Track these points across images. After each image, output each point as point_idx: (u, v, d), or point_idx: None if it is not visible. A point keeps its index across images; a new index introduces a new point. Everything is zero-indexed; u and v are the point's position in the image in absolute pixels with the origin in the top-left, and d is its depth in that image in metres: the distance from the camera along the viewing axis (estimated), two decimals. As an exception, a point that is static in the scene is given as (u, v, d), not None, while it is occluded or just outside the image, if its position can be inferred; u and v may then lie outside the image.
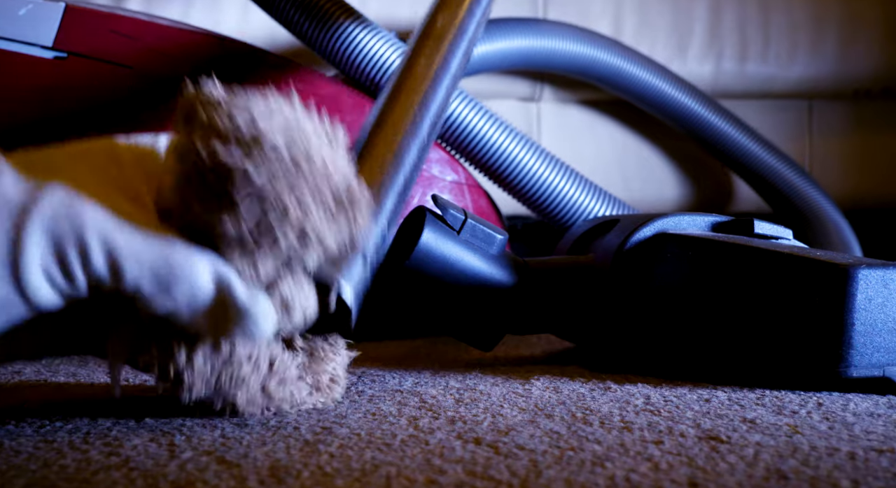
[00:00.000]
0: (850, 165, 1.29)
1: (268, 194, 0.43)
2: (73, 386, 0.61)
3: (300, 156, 0.43)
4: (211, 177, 0.43)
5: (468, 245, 0.66)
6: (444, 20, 0.71)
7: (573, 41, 1.08)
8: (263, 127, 0.43)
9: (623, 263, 0.67)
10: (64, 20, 0.80)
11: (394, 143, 0.60)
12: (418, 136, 0.62)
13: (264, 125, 0.43)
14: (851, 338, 0.57)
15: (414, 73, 0.66)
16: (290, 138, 0.44)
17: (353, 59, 0.90)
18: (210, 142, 0.43)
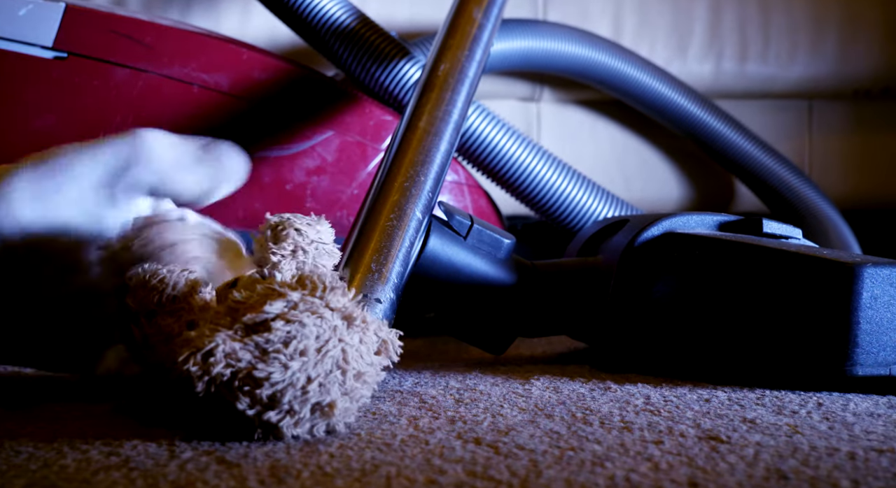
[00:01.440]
0: (849, 165, 1.29)
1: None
2: (73, 386, 0.61)
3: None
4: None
5: (475, 250, 0.66)
6: (446, 67, 0.72)
7: (572, 43, 1.08)
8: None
9: (631, 263, 0.67)
10: (64, 20, 0.80)
11: (399, 209, 0.62)
12: (422, 196, 0.63)
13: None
14: (857, 337, 0.57)
15: (416, 130, 0.67)
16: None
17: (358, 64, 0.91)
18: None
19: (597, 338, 0.71)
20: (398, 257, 0.59)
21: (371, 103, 0.89)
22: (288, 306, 0.46)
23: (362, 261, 0.58)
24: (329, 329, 0.46)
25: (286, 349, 0.44)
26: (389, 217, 0.60)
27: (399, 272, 0.59)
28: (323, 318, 0.46)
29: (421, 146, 0.65)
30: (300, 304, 0.46)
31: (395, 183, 0.63)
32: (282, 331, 0.45)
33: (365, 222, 0.61)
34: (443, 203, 0.67)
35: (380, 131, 0.88)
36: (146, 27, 0.83)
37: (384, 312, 0.57)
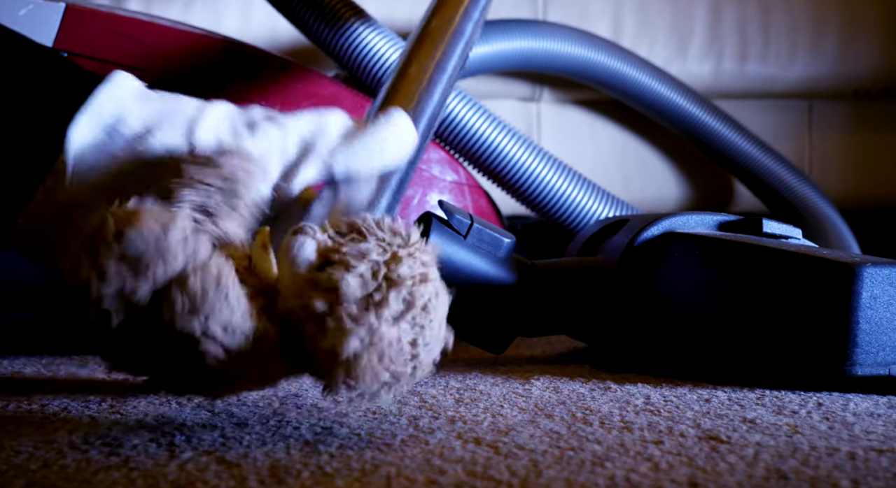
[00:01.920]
0: (849, 165, 1.29)
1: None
2: (72, 386, 0.61)
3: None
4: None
5: (475, 249, 0.66)
6: (438, 22, 0.70)
7: (572, 43, 1.08)
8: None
9: (630, 262, 0.67)
10: (64, 20, 0.80)
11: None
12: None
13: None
14: (857, 337, 0.57)
15: (407, 75, 0.65)
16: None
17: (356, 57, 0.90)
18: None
19: (597, 337, 0.71)
20: (390, 186, 0.57)
21: (369, 101, 0.89)
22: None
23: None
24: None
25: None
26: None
27: (389, 202, 0.58)
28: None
29: (414, 92, 0.63)
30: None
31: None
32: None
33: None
34: (443, 202, 0.67)
35: (380, 131, 0.88)
36: (146, 27, 0.83)
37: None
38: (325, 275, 0.43)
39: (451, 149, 0.95)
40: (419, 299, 0.44)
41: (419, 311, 0.44)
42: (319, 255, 0.45)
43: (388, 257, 0.44)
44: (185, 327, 0.42)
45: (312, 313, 0.43)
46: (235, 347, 0.43)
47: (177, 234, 0.42)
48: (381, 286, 0.43)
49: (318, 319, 0.43)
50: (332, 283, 0.43)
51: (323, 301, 0.43)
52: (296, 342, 0.44)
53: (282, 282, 0.45)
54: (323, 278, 0.43)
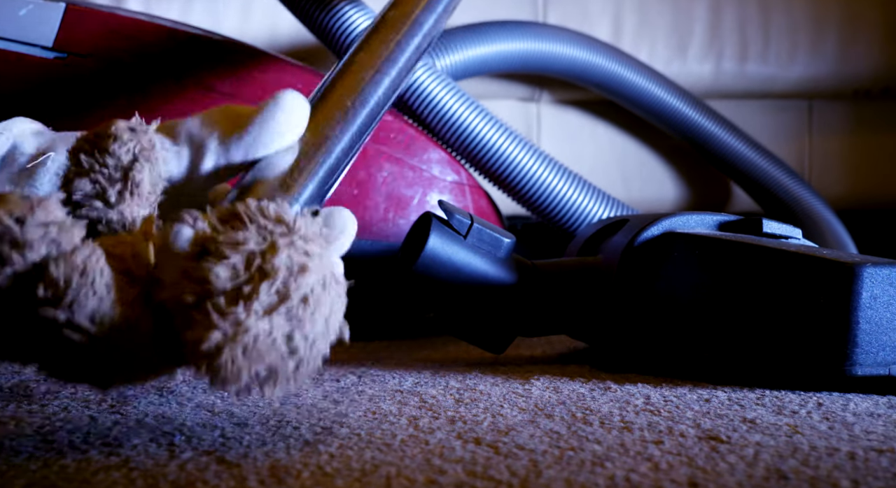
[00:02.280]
0: (849, 165, 1.29)
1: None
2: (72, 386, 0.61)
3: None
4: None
5: (475, 249, 0.66)
6: (396, 12, 0.68)
7: (570, 45, 1.08)
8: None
9: (630, 263, 0.67)
10: (64, 20, 0.80)
11: (321, 131, 0.57)
12: (351, 124, 0.59)
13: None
14: (857, 337, 0.57)
15: (355, 63, 0.63)
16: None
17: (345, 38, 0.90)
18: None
19: (597, 337, 0.72)
20: (314, 175, 0.55)
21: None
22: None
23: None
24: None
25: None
26: (311, 136, 0.57)
27: (312, 191, 0.55)
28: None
29: (358, 78, 0.62)
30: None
31: (323, 107, 0.59)
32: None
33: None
34: (443, 202, 0.67)
35: (380, 131, 0.88)
36: (146, 27, 0.83)
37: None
38: (197, 266, 0.42)
39: (451, 150, 0.95)
40: (296, 291, 0.42)
41: (297, 304, 0.42)
42: (195, 244, 0.43)
43: (265, 246, 0.42)
44: (48, 315, 0.41)
45: (182, 305, 0.42)
46: (103, 337, 0.42)
47: (37, 221, 0.41)
48: (252, 277, 0.42)
49: (186, 311, 0.42)
50: (203, 274, 0.42)
51: (192, 293, 0.42)
52: (170, 333, 0.43)
53: (160, 271, 0.44)
54: (194, 268, 0.42)
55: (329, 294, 0.44)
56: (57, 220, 0.42)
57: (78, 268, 0.42)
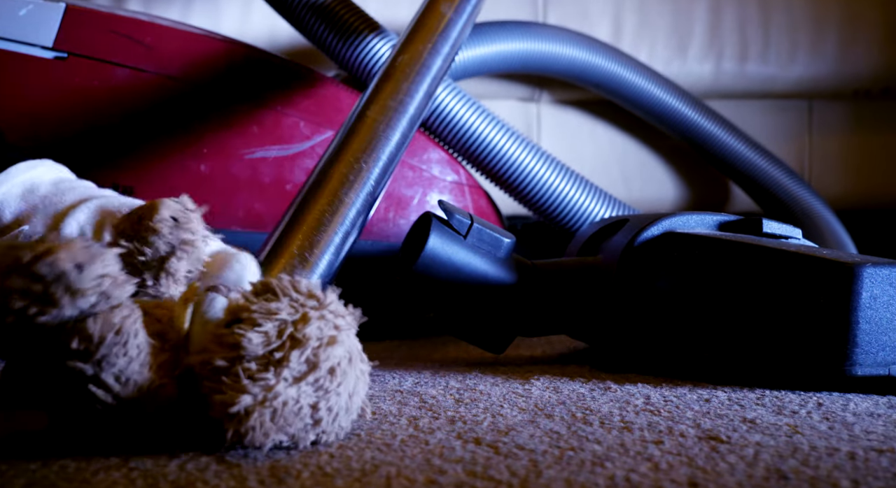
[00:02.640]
0: (849, 165, 1.29)
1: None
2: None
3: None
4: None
5: (475, 249, 0.66)
6: (405, 57, 0.69)
7: (570, 46, 1.08)
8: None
9: (630, 262, 0.67)
10: (64, 20, 0.80)
11: (335, 198, 0.59)
12: (364, 186, 0.61)
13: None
14: (857, 337, 0.57)
15: (365, 119, 0.64)
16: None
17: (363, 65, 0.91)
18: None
19: (597, 337, 0.72)
20: (329, 247, 0.56)
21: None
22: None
23: (286, 247, 0.56)
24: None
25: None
26: (324, 204, 0.58)
27: (329, 261, 0.56)
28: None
29: (369, 135, 0.63)
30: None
31: (335, 170, 0.60)
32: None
33: (298, 208, 0.58)
34: (443, 202, 0.67)
35: (380, 131, 0.88)
36: (146, 27, 0.83)
37: None
38: (230, 332, 0.43)
39: (451, 150, 0.95)
40: (325, 362, 0.44)
41: (324, 374, 0.44)
42: (229, 312, 0.45)
43: (297, 317, 0.44)
44: (76, 367, 0.42)
45: (212, 368, 0.43)
46: (126, 396, 0.43)
47: (93, 273, 0.42)
48: (283, 344, 0.43)
49: (217, 374, 0.43)
50: (235, 340, 0.43)
51: (223, 357, 0.43)
52: (194, 398, 0.44)
53: (190, 338, 0.45)
54: (227, 334, 0.43)
55: (354, 370, 0.45)
56: (112, 274, 0.43)
57: (114, 327, 0.43)
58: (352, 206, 0.59)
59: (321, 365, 0.43)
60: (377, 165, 0.62)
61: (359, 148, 0.62)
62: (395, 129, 0.65)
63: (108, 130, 0.81)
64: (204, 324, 0.45)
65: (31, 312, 0.41)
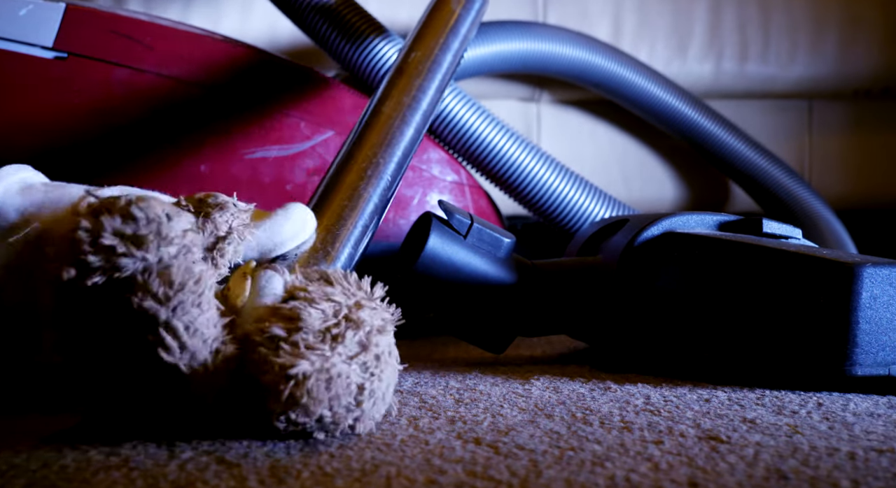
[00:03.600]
0: (849, 165, 1.29)
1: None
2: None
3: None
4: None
5: (475, 249, 0.66)
6: (418, 54, 0.70)
7: (570, 46, 1.08)
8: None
9: (630, 262, 0.67)
10: (64, 20, 0.80)
11: (354, 193, 0.60)
12: (382, 180, 0.62)
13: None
14: (857, 337, 0.57)
15: (380, 115, 0.65)
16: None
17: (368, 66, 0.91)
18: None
19: (597, 337, 0.72)
20: (349, 239, 0.57)
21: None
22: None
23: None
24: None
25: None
26: (343, 198, 0.59)
27: (349, 254, 0.57)
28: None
29: (385, 131, 0.64)
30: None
31: (353, 165, 0.61)
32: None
33: (317, 203, 0.59)
34: (443, 202, 0.67)
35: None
36: (146, 27, 0.83)
37: None
38: (288, 306, 0.45)
39: (451, 150, 0.95)
40: (374, 347, 0.45)
41: (372, 358, 0.45)
42: (286, 291, 0.46)
43: (352, 302, 0.46)
44: (150, 309, 0.42)
45: (269, 336, 0.44)
46: (192, 348, 0.43)
47: (179, 225, 0.44)
48: (339, 322, 0.45)
49: (274, 342, 0.44)
50: (294, 313, 0.44)
51: (282, 327, 0.44)
52: (245, 367, 0.45)
53: (244, 310, 0.46)
54: (285, 309, 0.45)
55: (391, 363, 0.47)
56: (194, 229, 0.45)
57: (195, 276, 0.43)
58: (369, 201, 0.60)
59: (371, 348, 0.45)
60: (393, 160, 0.63)
61: (376, 142, 0.63)
62: (409, 125, 0.66)
63: (108, 130, 0.81)
64: (260, 298, 0.46)
65: (119, 251, 0.42)
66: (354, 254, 0.58)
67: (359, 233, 0.58)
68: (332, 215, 0.58)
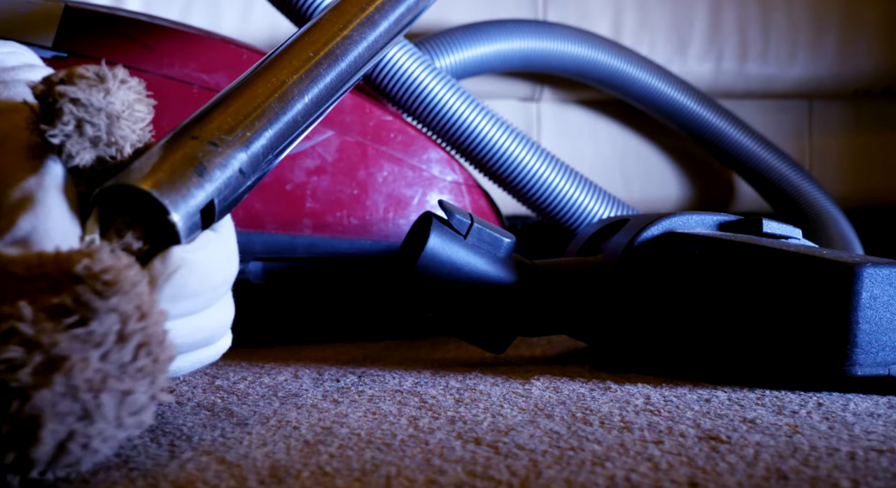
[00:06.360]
0: (849, 165, 1.29)
1: None
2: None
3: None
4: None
5: (475, 249, 0.66)
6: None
7: (572, 43, 1.08)
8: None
9: (630, 262, 0.67)
10: (64, 20, 0.80)
11: (283, 86, 0.53)
12: (319, 84, 0.55)
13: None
14: (857, 337, 0.57)
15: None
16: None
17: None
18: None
19: (597, 337, 0.72)
20: (270, 124, 0.51)
21: (371, 103, 0.89)
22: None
23: (214, 117, 0.50)
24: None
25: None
26: (268, 88, 0.52)
27: (269, 140, 0.50)
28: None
29: (327, 32, 0.57)
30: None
31: (285, 56, 0.54)
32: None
33: (224, 94, 0.52)
34: (443, 202, 0.67)
35: (380, 131, 0.88)
36: (146, 27, 0.83)
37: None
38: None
39: (453, 149, 0.95)
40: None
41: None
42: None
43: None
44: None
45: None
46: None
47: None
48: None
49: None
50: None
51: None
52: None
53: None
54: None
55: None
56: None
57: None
58: (298, 94, 0.53)
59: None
60: (331, 60, 0.56)
61: (311, 42, 0.56)
62: (359, 32, 0.59)
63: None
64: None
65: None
66: (274, 144, 0.51)
67: (284, 127, 0.52)
68: (243, 97, 0.51)
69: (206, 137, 0.48)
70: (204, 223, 0.47)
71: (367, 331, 0.88)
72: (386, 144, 0.88)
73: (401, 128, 0.89)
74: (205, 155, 0.47)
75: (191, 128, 0.49)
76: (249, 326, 0.87)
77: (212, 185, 0.47)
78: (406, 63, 0.90)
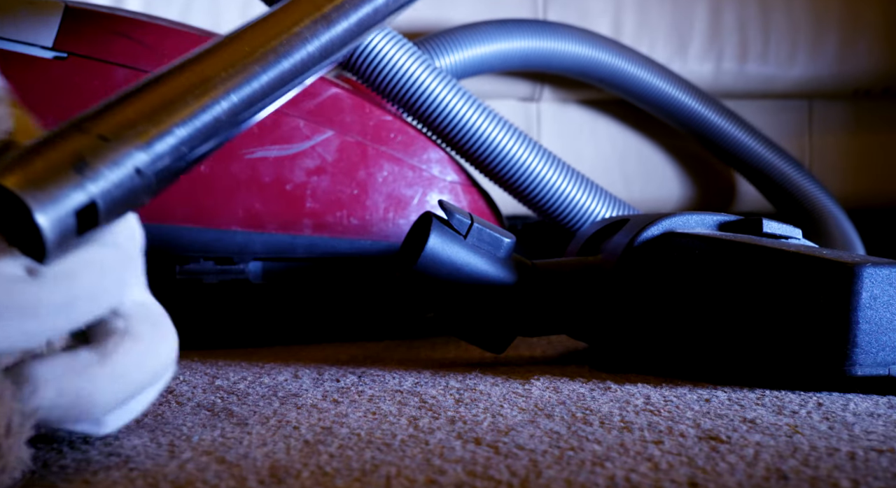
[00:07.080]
0: (849, 165, 1.29)
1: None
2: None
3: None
4: None
5: (475, 249, 0.66)
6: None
7: (572, 42, 1.08)
8: None
9: (630, 262, 0.67)
10: (64, 20, 0.80)
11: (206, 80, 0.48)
12: (250, 80, 0.50)
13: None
14: (857, 337, 0.57)
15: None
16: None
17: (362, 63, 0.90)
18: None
19: (597, 338, 0.72)
20: (182, 121, 0.45)
21: (371, 103, 0.89)
22: None
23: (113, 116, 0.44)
24: None
25: None
26: (187, 83, 0.46)
27: (181, 137, 0.45)
28: None
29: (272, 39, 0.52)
30: None
31: (216, 57, 0.49)
32: None
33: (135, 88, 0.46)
34: (443, 202, 0.67)
35: (380, 131, 0.88)
36: (146, 27, 0.83)
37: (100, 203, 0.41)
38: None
39: (451, 148, 0.95)
40: None
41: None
42: None
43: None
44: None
45: None
46: None
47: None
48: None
49: None
50: None
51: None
52: None
53: None
54: None
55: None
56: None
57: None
58: (225, 97, 0.48)
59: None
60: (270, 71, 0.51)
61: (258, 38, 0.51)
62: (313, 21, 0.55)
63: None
64: None
65: None
66: (191, 141, 0.46)
67: (205, 124, 0.47)
68: (156, 94, 0.46)
69: (96, 131, 0.43)
70: (81, 228, 0.41)
71: (367, 331, 0.88)
72: (386, 144, 0.88)
73: (401, 128, 0.89)
74: (90, 150, 0.42)
75: (83, 121, 0.43)
76: (249, 326, 0.87)
77: (95, 185, 0.41)
78: (406, 63, 0.90)
